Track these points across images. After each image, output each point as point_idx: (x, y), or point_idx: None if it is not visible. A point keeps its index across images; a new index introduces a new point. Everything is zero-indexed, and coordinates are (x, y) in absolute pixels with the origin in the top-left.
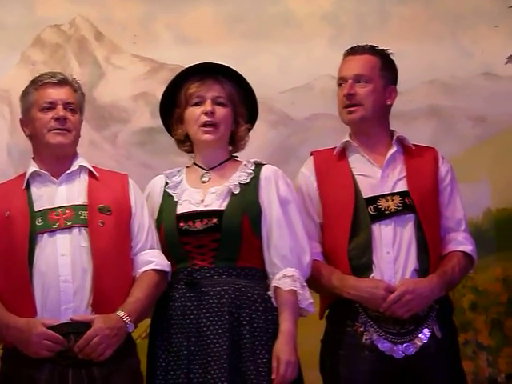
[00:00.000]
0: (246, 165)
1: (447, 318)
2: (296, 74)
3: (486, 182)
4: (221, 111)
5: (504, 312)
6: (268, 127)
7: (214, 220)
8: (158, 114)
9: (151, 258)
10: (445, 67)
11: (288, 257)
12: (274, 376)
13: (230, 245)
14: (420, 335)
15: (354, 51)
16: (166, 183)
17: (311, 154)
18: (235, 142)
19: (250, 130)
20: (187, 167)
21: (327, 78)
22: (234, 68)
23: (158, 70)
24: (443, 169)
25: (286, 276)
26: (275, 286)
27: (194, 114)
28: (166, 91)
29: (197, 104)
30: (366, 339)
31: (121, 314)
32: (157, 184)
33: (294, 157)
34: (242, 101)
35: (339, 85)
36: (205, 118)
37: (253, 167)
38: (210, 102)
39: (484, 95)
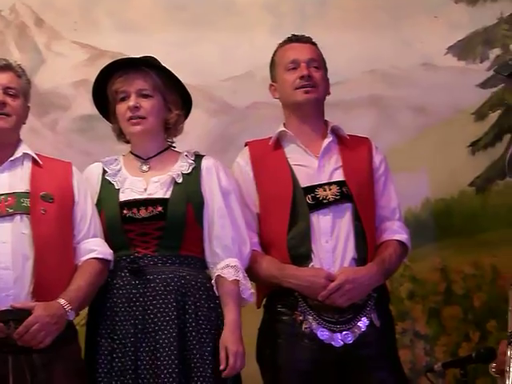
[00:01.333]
0: (186, 155)
1: (385, 306)
2: (237, 62)
3: (425, 172)
4: (146, 103)
5: (442, 301)
6: (209, 115)
7: (159, 208)
8: None
9: (94, 247)
10: (385, 57)
11: (230, 247)
12: (222, 367)
13: (173, 233)
14: (359, 324)
15: (298, 39)
16: (104, 171)
17: (246, 144)
18: (170, 128)
19: (186, 116)
20: (123, 155)
21: (268, 67)
22: (172, 55)
23: (99, 57)
24: (377, 158)
25: (229, 266)
26: (219, 276)
27: (122, 110)
28: (93, 89)
29: (123, 99)
30: (305, 328)
31: (62, 301)
32: (93, 171)
33: (235, 145)
34: (173, 88)
35: (289, 69)
36: (130, 113)
37: (193, 158)
38: (134, 96)
39: (424, 86)
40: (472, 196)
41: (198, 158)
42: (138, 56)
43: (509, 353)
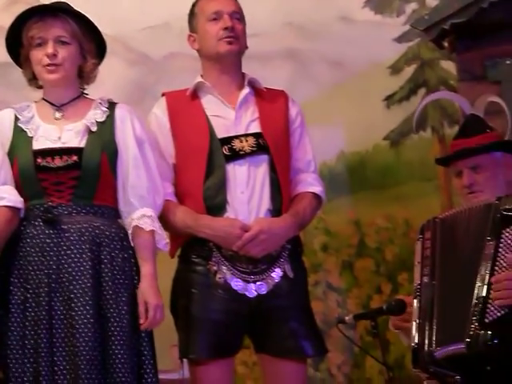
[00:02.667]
0: (100, 103)
1: (298, 258)
2: (155, 12)
3: (341, 125)
4: (64, 51)
5: (354, 253)
6: (125, 65)
7: (74, 157)
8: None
9: (3, 194)
10: (302, 10)
11: (145, 197)
12: (142, 321)
13: (88, 182)
14: (272, 274)
15: None
16: (17, 118)
17: (163, 94)
18: (84, 77)
19: (98, 64)
20: (36, 102)
21: (186, 17)
22: (90, 4)
23: (14, 3)
24: (293, 111)
25: (145, 216)
26: (136, 226)
27: (37, 56)
28: (7, 35)
29: (39, 45)
30: (219, 278)
31: None
32: (5, 118)
33: (151, 96)
34: (89, 36)
35: (212, 19)
36: (47, 61)
37: (107, 105)
38: (51, 42)
39: (340, 39)
40: (386, 149)
41: (112, 105)
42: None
43: (415, 305)
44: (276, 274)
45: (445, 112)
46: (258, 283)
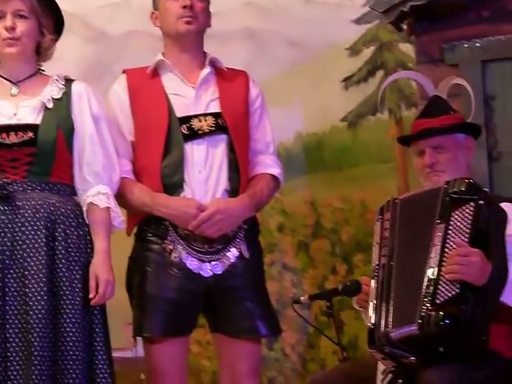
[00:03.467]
0: (56, 80)
1: (254, 238)
2: None
3: (299, 106)
4: (22, 25)
5: (310, 234)
6: (84, 42)
7: (30, 134)
8: None
9: None
10: None
11: (100, 174)
12: (92, 295)
13: (44, 159)
14: (228, 254)
15: None
16: None
17: (123, 71)
18: (41, 52)
19: (56, 40)
20: None
21: None
22: None
23: None
24: (254, 92)
25: (100, 193)
26: (91, 203)
27: None
28: None
29: None
30: (174, 257)
31: None
32: None
33: (110, 73)
34: (47, 11)
35: None
36: (6, 34)
37: (63, 82)
38: (10, 16)
39: (299, 20)
40: (343, 131)
41: (69, 82)
42: None
43: (372, 285)
44: (232, 253)
45: (402, 94)
46: (213, 263)
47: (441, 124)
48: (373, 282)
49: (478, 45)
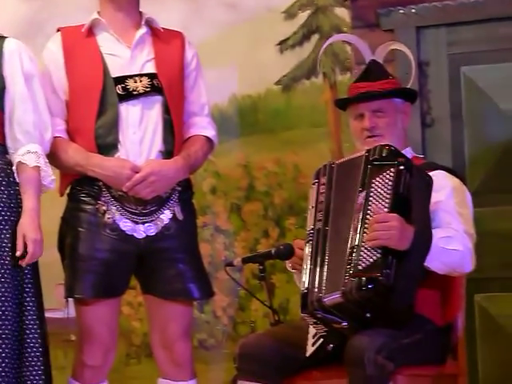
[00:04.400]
0: None
1: (188, 200)
2: None
3: (234, 68)
4: None
5: (243, 197)
6: (18, 1)
7: None
8: None
9: None
10: None
11: (31, 132)
12: (19, 254)
13: None
14: (161, 216)
15: None
16: None
17: (58, 30)
18: None
19: None
20: None
21: None
22: None
23: None
24: (189, 53)
25: (30, 152)
26: (20, 162)
27: None
28: None
29: None
30: (107, 218)
31: None
32: None
33: (44, 32)
34: None
35: None
36: None
37: None
38: None
39: None
40: (278, 94)
41: (1, 40)
42: None
43: (306, 250)
44: (165, 215)
45: (337, 59)
46: (146, 224)
47: (380, 88)
48: (307, 247)
49: (413, 11)
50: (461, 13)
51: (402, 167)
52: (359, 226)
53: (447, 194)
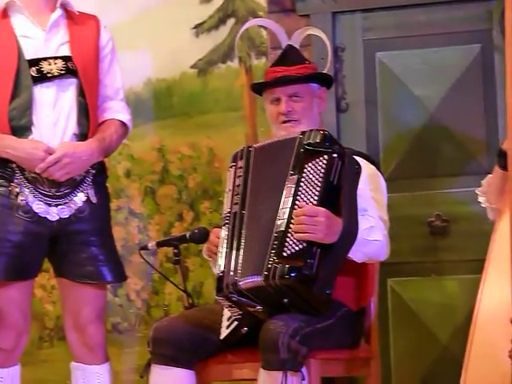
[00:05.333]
0: None
1: (102, 183)
2: None
3: (149, 51)
4: None
5: (158, 180)
6: None
7: None
8: None
9: None
10: None
11: None
12: None
13: None
14: (75, 199)
15: None
16: None
17: None
18: None
19: None
20: None
21: None
22: None
23: None
24: (104, 37)
25: None
26: None
27: None
28: None
29: None
30: (20, 200)
31: None
32: None
33: None
34: None
35: None
36: None
37: None
38: None
39: None
40: (193, 78)
41: None
42: None
43: (223, 233)
44: (79, 198)
45: (252, 43)
46: (60, 207)
47: (297, 73)
48: (223, 230)
49: None
50: None
51: (335, 155)
52: (287, 211)
53: (363, 180)
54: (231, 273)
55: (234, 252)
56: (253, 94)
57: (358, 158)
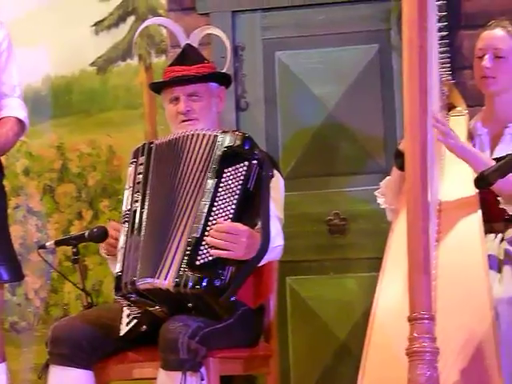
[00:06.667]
0: None
1: None
2: None
3: (48, 48)
4: None
5: (57, 178)
6: None
7: None
8: None
9: None
10: None
11: None
12: None
13: None
14: None
15: None
16: None
17: None
18: None
19: None
20: None
21: None
22: None
23: None
24: (0, 34)
25: None
26: None
27: None
28: None
29: None
30: None
31: None
32: None
33: None
34: None
35: None
36: None
37: None
38: None
39: None
40: (93, 75)
41: None
42: None
43: (123, 231)
44: None
45: (152, 41)
46: None
47: (196, 72)
48: (123, 228)
49: None
50: None
51: (254, 161)
52: (203, 216)
53: None
54: (130, 272)
55: (132, 251)
56: (152, 92)
57: None
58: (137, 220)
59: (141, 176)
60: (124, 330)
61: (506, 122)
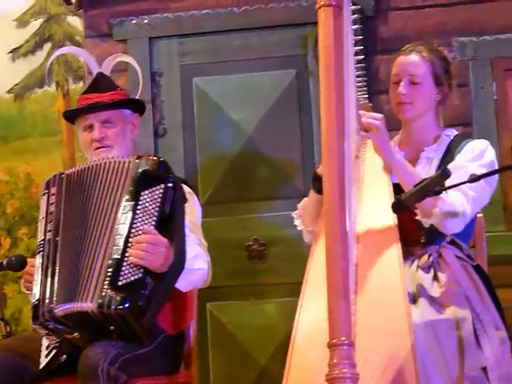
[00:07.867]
0: None
1: None
2: None
3: None
4: None
5: None
6: None
7: None
8: None
9: None
10: None
11: None
12: None
13: None
14: None
15: None
16: None
17: None
18: None
19: None
20: None
21: None
22: None
23: None
24: None
25: None
26: None
27: None
28: None
29: None
30: None
31: None
32: None
33: None
34: None
35: None
36: None
37: None
38: None
39: None
40: (10, 103)
41: None
42: None
43: (37, 261)
44: None
45: (70, 67)
46: None
47: (109, 99)
48: (38, 258)
49: (145, 21)
50: (192, 24)
51: (170, 184)
52: (123, 238)
53: None
54: (47, 300)
55: (49, 279)
56: None
57: None
58: (51, 249)
59: (53, 206)
60: (43, 362)
61: (422, 146)
